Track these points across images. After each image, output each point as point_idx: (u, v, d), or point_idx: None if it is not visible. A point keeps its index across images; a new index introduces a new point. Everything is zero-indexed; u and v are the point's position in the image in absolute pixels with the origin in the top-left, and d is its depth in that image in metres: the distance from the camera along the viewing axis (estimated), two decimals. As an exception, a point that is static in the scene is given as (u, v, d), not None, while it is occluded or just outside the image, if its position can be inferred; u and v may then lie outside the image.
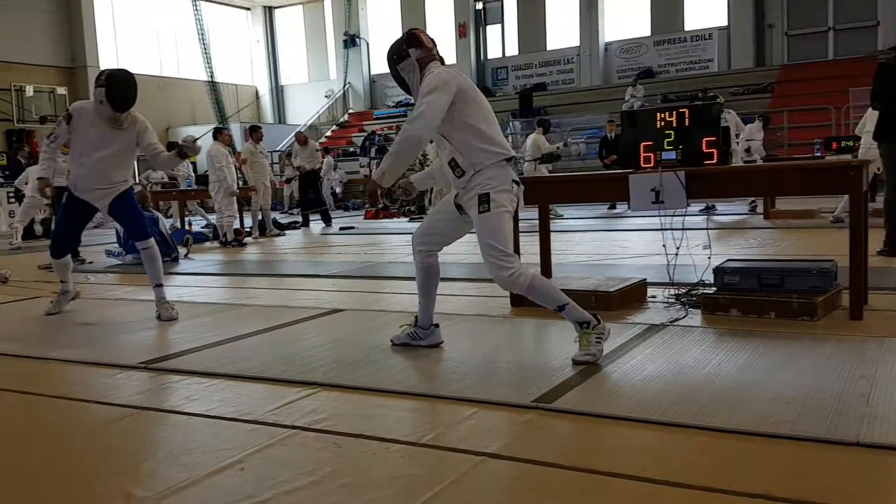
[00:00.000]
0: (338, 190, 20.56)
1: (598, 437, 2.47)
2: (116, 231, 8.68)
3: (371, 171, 19.95)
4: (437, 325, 3.71)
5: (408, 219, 15.35)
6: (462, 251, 7.66)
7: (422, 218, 15.10)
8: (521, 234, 4.50)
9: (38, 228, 13.32)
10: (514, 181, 3.34)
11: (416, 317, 3.73)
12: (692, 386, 2.89)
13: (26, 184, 11.70)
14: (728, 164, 4.31)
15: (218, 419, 2.80)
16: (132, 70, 4.98)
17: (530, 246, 5.00)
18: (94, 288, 6.72)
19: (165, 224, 8.90)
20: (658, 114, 4.24)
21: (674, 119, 4.21)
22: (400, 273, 6.62)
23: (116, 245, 8.69)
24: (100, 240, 10.96)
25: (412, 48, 3.40)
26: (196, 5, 25.29)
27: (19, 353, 4.04)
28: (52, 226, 12.17)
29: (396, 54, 3.44)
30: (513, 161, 3.36)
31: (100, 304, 5.77)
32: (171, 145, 5.54)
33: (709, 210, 11.24)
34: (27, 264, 8.80)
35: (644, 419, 2.54)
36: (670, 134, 4.20)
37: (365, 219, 16.01)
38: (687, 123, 4.19)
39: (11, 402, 3.22)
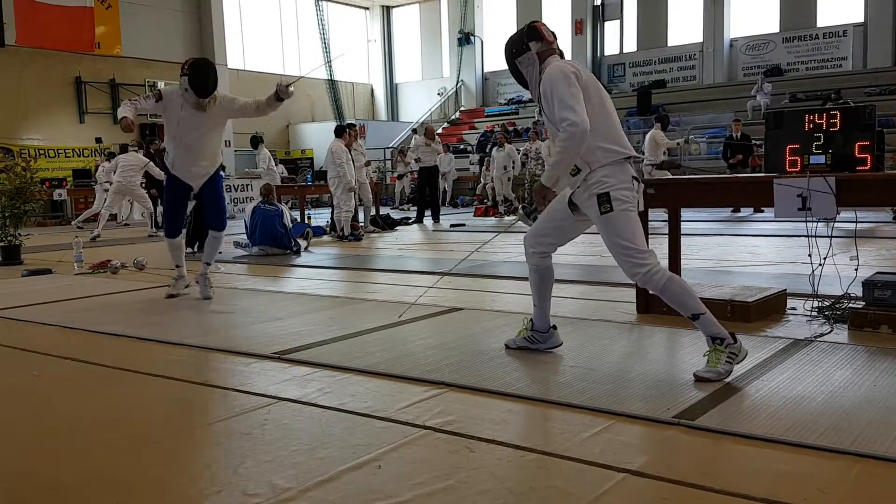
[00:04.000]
0: (447, 188, 20.66)
1: (749, 460, 2.32)
2: (245, 223, 9.05)
3: (480, 169, 20.00)
4: (554, 327, 3.62)
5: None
6: (578, 251, 7.52)
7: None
8: (648, 237, 4.33)
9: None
10: (633, 177, 3.19)
11: (531, 320, 3.63)
12: (847, 409, 2.69)
13: (114, 172, 12.34)
14: (882, 170, 4.01)
15: (351, 414, 2.84)
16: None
17: (657, 250, 4.81)
18: (224, 277, 7.03)
19: (288, 218, 9.17)
20: (807, 115, 3.99)
21: (823, 121, 3.95)
22: (515, 273, 6.55)
23: (244, 237, 9.05)
24: (229, 231, 11.43)
25: (533, 41, 3.29)
26: (319, 5, 26.04)
27: (160, 339, 4.26)
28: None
29: (516, 47, 3.33)
30: (631, 160, 3.21)
31: (230, 293, 6.03)
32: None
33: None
34: (161, 250, 9.31)
35: (798, 443, 2.37)
36: (819, 137, 3.94)
37: (475, 216, 16.02)
38: (838, 126, 3.93)
39: (160, 386, 3.39)
